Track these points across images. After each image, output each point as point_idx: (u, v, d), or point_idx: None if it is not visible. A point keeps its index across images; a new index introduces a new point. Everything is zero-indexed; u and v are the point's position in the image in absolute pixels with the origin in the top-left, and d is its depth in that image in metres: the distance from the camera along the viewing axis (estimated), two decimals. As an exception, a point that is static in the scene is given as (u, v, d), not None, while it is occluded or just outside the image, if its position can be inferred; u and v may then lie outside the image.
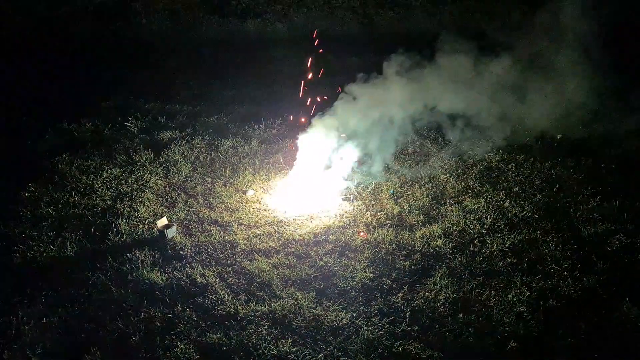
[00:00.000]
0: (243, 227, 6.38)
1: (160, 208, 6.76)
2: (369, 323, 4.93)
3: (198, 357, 4.61)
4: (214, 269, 5.64)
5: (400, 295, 5.25)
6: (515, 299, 5.15)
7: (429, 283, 5.40)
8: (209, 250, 5.96)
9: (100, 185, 7.19)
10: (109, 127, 9.08)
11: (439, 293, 5.27)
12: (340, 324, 4.93)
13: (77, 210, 6.64)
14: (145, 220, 6.46)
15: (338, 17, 15.10)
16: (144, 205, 6.75)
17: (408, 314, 5.02)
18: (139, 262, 5.68)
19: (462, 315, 5.00)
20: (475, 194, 6.97)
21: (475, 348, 4.69)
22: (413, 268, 5.66)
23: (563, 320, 4.94)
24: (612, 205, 6.62)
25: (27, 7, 13.86)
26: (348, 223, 6.44)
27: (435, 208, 6.72)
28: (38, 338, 4.78)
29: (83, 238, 6.10)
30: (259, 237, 6.19)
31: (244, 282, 5.48)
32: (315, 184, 7.13)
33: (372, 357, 4.61)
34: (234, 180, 7.41)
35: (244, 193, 7.10)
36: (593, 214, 6.48)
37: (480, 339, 4.76)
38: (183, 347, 4.67)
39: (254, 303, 5.16)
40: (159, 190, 7.17)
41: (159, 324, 4.92)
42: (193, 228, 6.37)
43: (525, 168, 7.63)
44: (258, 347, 4.67)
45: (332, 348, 4.67)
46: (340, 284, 5.45)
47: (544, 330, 4.85)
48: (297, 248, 6.00)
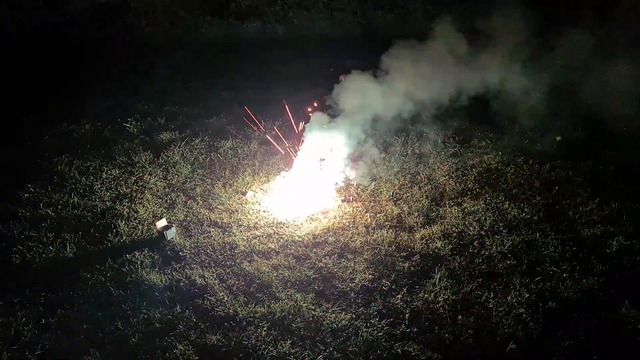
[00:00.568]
0: (242, 228, 6.38)
1: (160, 209, 6.75)
2: (368, 324, 4.93)
3: (197, 358, 4.60)
4: (213, 270, 5.64)
5: (400, 297, 5.25)
6: (515, 301, 5.16)
7: (428, 284, 5.40)
8: (208, 252, 5.96)
9: (100, 186, 7.20)
10: (109, 128, 9.09)
11: (439, 294, 5.27)
12: (340, 326, 4.93)
13: (76, 211, 6.64)
14: (145, 222, 6.45)
15: (337, 19, 15.13)
16: (144, 207, 6.75)
17: (407, 316, 5.02)
18: (138, 263, 5.68)
19: (461, 317, 5.00)
20: (475, 196, 6.98)
21: (475, 350, 4.70)
22: (412, 269, 5.66)
23: (562, 322, 4.94)
24: (611, 207, 6.63)
25: (27, 8, 13.86)
26: (347, 224, 6.45)
27: (435, 209, 6.72)
28: (37, 339, 4.78)
29: (82, 239, 6.09)
30: (258, 238, 6.19)
31: (243, 283, 5.48)
32: (313, 182, 7.14)
33: (371, 358, 4.61)
34: (234, 182, 7.41)
35: (244, 194, 7.10)
36: (592, 216, 6.49)
37: (480, 341, 4.77)
38: (182, 348, 4.66)
39: (253, 304, 5.16)
40: (159, 192, 7.17)
41: (158, 325, 4.92)
42: (192, 229, 6.37)
43: (525, 170, 7.64)
44: (257, 348, 4.67)
45: (331, 349, 4.68)
46: (340, 286, 5.45)
47: (543, 332, 4.85)
48: (296, 249, 6.00)
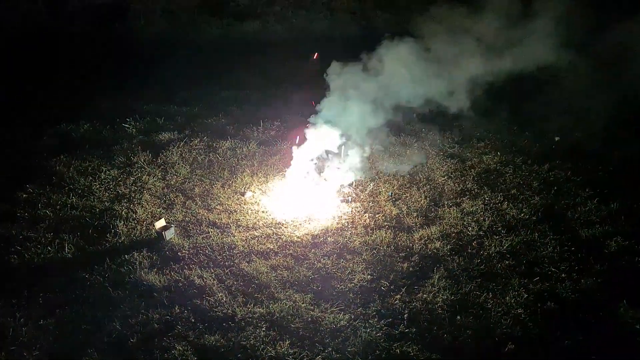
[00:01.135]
0: (241, 228, 6.38)
1: (158, 209, 6.75)
2: (367, 325, 4.92)
3: (196, 358, 4.59)
4: (212, 271, 5.64)
5: (398, 297, 5.25)
6: (513, 301, 5.16)
7: (427, 285, 5.40)
8: (207, 252, 5.95)
9: (98, 187, 7.18)
10: (107, 128, 9.08)
11: (437, 295, 5.27)
12: (339, 326, 4.92)
13: (74, 212, 6.63)
14: (143, 222, 6.45)
15: (337, 19, 15.13)
16: (142, 207, 6.74)
17: (406, 316, 5.02)
18: (137, 263, 5.67)
19: (459, 317, 5.00)
20: (473, 196, 6.98)
21: (473, 350, 4.69)
22: (411, 270, 5.66)
23: (561, 322, 4.94)
24: (610, 208, 6.64)
25: (25, 7, 13.85)
26: (346, 225, 6.45)
27: (434, 210, 6.73)
28: (35, 340, 4.76)
29: (81, 239, 6.08)
30: (257, 238, 6.18)
31: (242, 284, 5.47)
32: (312, 183, 7.14)
33: (370, 358, 4.61)
34: (232, 182, 7.40)
35: (242, 195, 7.10)
36: (591, 216, 6.50)
37: (478, 341, 4.76)
38: (181, 349, 4.66)
39: (252, 305, 5.15)
40: (157, 192, 7.16)
41: (157, 326, 4.91)
42: (191, 230, 6.36)
43: (523, 170, 7.65)
44: (256, 349, 4.67)
45: (330, 350, 4.67)
46: (339, 286, 5.44)
47: (542, 332, 4.85)
48: (295, 250, 6.00)
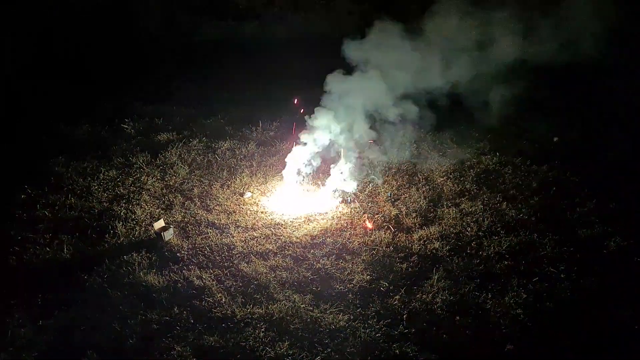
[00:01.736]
0: (240, 229, 6.38)
1: (157, 210, 6.74)
2: (366, 325, 4.92)
3: (195, 359, 4.59)
4: (211, 272, 5.63)
5: (398, 298, 5.25)
6: (512, 301, 5.16)
7: (426, 285, 5.40)
8: (206, 253, 5.95)
9: (97, 187, 7.18)
10: (106, 129, 9.07)
11: (436, 295, 5.27)
12: (338, 327, 4.92)
13: (73, 213, 6.62)
14: (142, 223, 6.44)
15: (335, 19, 15.12)
16: (141, 208, 6.73)
17: (405, 317, 5.02)
18: (136, 264, 5.67)
19: (459, 318, 5.00)
20: (472, 197, 6.99)
21: (472, 350, 4.69)
22: (410, 270, 5.66)
23: (559, 323, 4.94)
24: (608, 208, 6.64)
25: (24, 8, 13.82)
26: (345, 225, 6.44)
27: (433, 210, 6.73)
28: (34, 341, 4.75)
29: (79, 240, 6.08)
30: (256, 239, 6.18)
31: (241, 284, 5.47)
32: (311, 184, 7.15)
33: (369, 359, 4.60)
34: (231, 183, 7.40)
35: (241, 195, 7.10)
36: (590, 217, 6.50)
37: (477, 341, 4.76)
38: (180, 349, 4.65)
39: (251, 305, 5.15)
40: (156, 193, 7.16)
41: (156, 327, 4.90)
42: (190, 230, 6.35)
43: (522, 171, 7.65)
44: (255, 349, 4.66)
45: (329, 350, 4.67)
46: (338, 287, 5.44)
47: (541, 333, 4.85)
48: (294, 250, 5.99)
